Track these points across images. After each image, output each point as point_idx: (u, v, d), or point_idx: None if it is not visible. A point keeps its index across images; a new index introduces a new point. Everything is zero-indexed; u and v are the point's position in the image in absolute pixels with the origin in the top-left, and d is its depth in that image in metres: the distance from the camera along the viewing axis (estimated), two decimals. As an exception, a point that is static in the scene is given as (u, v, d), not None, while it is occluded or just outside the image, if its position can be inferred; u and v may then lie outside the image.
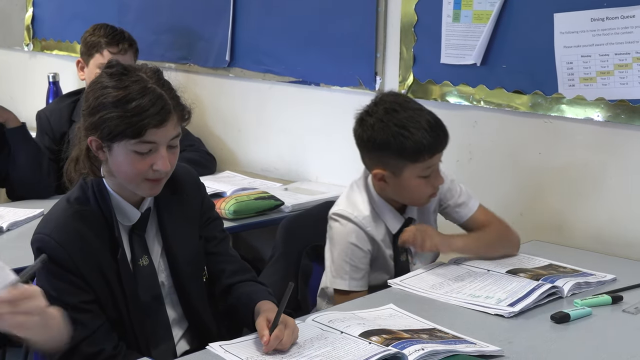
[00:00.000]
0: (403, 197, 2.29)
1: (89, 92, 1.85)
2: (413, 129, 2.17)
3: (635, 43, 2.44)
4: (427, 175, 2.22)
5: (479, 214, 2.38)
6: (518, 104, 2.72)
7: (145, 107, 1.77)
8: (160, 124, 1.79)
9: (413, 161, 2.19)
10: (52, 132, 3.26)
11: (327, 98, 3.26)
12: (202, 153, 3.42)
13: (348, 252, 2.26)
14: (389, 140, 2.19)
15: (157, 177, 1.85)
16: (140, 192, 1.89)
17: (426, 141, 2.17)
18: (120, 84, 1.80)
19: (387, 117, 2.20)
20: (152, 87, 1.80)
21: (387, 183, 2.26)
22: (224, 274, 2.05)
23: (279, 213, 2.93)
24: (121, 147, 1.81)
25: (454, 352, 1.75)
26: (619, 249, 2.56)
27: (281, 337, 1.74)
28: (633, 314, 2.03)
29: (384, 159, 2.22)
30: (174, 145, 1.86)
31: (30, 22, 4.39)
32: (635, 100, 2.48)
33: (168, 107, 1.80)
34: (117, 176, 1.87)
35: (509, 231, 2.40)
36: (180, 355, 1.95)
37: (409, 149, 2.17)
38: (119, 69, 1.83)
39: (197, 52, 3.65)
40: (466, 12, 2.78)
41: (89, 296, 1.85)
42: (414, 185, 2.23)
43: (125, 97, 1.78)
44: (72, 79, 4.09)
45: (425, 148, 2.18)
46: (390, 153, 2.20)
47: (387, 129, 2.19)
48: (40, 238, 1.85)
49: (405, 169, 2.21)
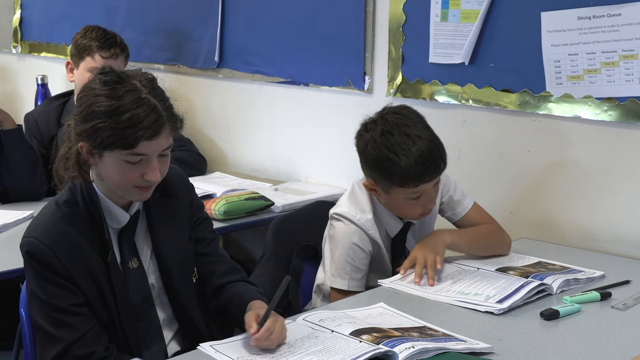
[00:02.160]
0: (394, 210, 2.30)
1: (82, 97, 1.82)
2: (402, 156, 2.15)
3: (622, 41, 2.46)
4: (416, 197, 2.22)
5: (473, 212, 2.39)
6: (506, 103, 2.73)
7: (138, 119, 1.75)
8: (153, 137, 1.78)
9: (399, 185, 2.19)
10: (40, 135, 3.25)
11: (316, 98, 3.27)
12: (193, 153, 3.42)
13: (350, 253, 2.26)
14: (379, 162, 2.19)
15: (146, 185, 1.85)
16: (130, 198, 1.89)
17: (412, 171, 2.15)
18: (114, 93, 1.77)
19: (381, 139, 2.19)
20: (147, 98, 1.78)
21: (378, 194, 2.27)
22: (214, 275, 2.05)
23: (269, 213, 2.94)
24: (112, 156, 1.79)
25: (444, 350, 1.75)
26: (608, 245, 2.57)
27: (272, 329, 1.74)
28: (622, 310, 2.05)
29: (374, 175, 2.23)
30: (165, 155, 1.85)
31: (18, 24, 4.37)
32: (622, 97, 2.49)
33: (161, 120, 1.78)
34: (106, 181, 1.86)
35: (500, 232, 2.41)
36: (171, 356, 1.95)
37: (395, 175, 2.17)
38: (113, 77, 1.80)
39: (186, 53, 3.65)
40: (454, 12, 2.79)
41: (79, 299, 1.84)
42: (402, 204, 2.24)
43: (118, 108, 1.75)
44: (60, 81, 4.08)
45: (411, 177, 2.16)
46: (379, 173, 2.20)
47: (378, 150, 2.18)
48: (30, 242, 1.84)
49: (393, 190, 2.21)
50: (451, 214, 2.41)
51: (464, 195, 2.40)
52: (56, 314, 1.83)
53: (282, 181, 3.36)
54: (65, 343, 1.82)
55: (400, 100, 2.96)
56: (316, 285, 2.39)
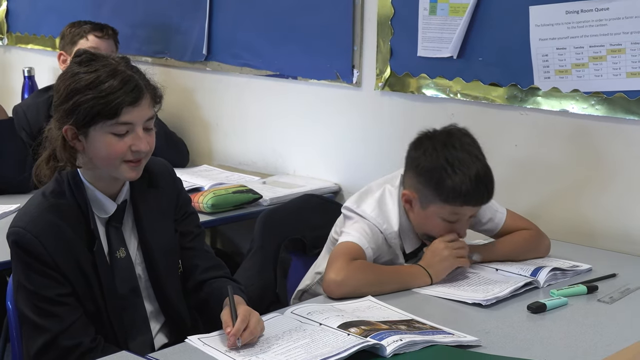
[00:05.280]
0: (419, 227, 2.24)
1: (60, 83, 1.86)
2: (459, 171, 2.12)
3: (609, 35, 2.46)
4: (452, 220, 2.18)
5: (508, 224, 2.34)
6: (494, 97, 2.74)
7: (118, 87, 1.80)
8: (135, 102, 1.81)
9: (443, 201, 2.14)
10: (29, 127, 3.24)
11: (305, 91, 3.26)
12: (173, 135, 3.46)
13: (368, 235, 2.19)
14: (432, 171, 2.15)
15: (136, 158, 1.86)
16: (121, 176, 1.88)
17: (465, 188, 2.11)
18: (90, 68, 1.82)
19: (442, 149, 2.16)
20: (122, 69, 1.83)
21: (411, 207, 2.22)
22: (197, 270, 2.05)
23: (257, 206, 2.93)
24: (97, 130, 1.81)
25: (431, 343, 1.76)
26: (595, 239, 2.58)
27: (237, 334, 1.72)
28: (608, 304, 2.06)
29: (419, 185, 2.18)
30: (149, 128, 1.87)
31: (5, 16, 4.35)
32: (610, 92, 2.50)
33: (140, 86, 1.83)
34: (96, 163, 1.86)
35: (536, 237, 2.36)
36: (158, 349, 1.95)
37: (445, 188, 2.13)
38: (88, 55, 1.86)
39: (173, 46, 3.64)
40: (442, 5, 2.79)
41: (66, 289, 1.84)
42: (434, 224, 2.19)
43: (97, 79, 1.80)
44: (47, 73, 4.06)
45: (461, 195, 2.12)
46: (427, 183, 2.16)
47: (436, 159, 2.15)
48: (16, 231, 1.84)
49: (433, 205, 2.16)
50: (487, 233, 2.37)
51: (494, 212, 2.34)
52: (43, 304, 1.82)
53: (270, 174, 3.36)
54: (52, 333, 1.82)
55: (388, 94, 2.96)
56: (315, 272, 2.35)
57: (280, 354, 1.70)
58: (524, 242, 2.33)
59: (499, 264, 2.26)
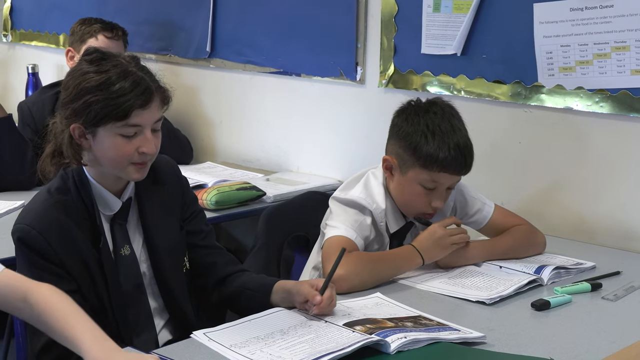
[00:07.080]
0: (398, 197, 2.25)
1: (69, 80, 1.85)
2: (438, 138, 2.14)
3: (614, 32, 2.46)
4: (430, 188, 2.18)
5: (496, 217, 2.35)
6: (498, 94, 2.74)
7: (129, 89, 1.79)
8: (145, 105, 1.81)
9: (421, 166, 2.16)
10: (34, 124, 3.24)
11: (308, 88, 3.26)
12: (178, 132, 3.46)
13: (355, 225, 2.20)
14: (412, 135, 2.17)
15: (142, 161, 1.86)
16: (126, 176, 1.89)
17: (442, 155, 2.13)
18: (101, 68, 1.82)
19: (425, 116, 2.18)
20: (133, 70, 1.83)
21: (392, 175, 2.24)
22: (216, 266, 2.06)
23: (260, 203, 2.93)
24: (106, 131, 1.82)
25: (436, 340, 1.76)
26: (599, 237, 2.58)
27: (333, 297, 1.83)
28: (612, 301, 2.06)
29: (400, 150, 2.21)
30: (157, 129, 1.88)
31: (9, 12, 4.35)
32: (614, 89, 2.50)
33: (151, 89, 1.83)
34: (102, 162, 1.87)
35: (529, 233, 2.36)
36: (162, 345, 1.95)
37: (423, 152, 2.15)
38: (98, 54, 1.85)
39: (177, 43, 3.64)
40: (446, 2, 2.79)
41: (71, 286, 1.83)
42: (412, 191, 2.20)
43: (108, 80, 1.80)
44: (51, 70, 4.06)
45: (438, 161, 2.14)
46: (407, 148, 2.18)
47: (417, 125, 2.17)
48: (21, 228, 1.84)
49: (412, 170, 2.18)
50: (473, 225, 2.37)
51: (482, 203, 2.35)
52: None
53: (274, 171, 3.36)
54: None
55: (392, 91, 2.96)
56: (312, 268, 2.35)
57: (285, 348, 1.70)
58: (523, 236, 2.34)
59: (502, 262, 2.26)
